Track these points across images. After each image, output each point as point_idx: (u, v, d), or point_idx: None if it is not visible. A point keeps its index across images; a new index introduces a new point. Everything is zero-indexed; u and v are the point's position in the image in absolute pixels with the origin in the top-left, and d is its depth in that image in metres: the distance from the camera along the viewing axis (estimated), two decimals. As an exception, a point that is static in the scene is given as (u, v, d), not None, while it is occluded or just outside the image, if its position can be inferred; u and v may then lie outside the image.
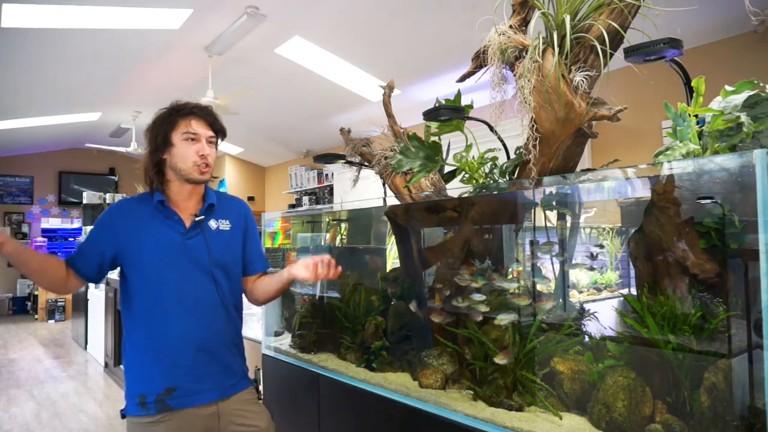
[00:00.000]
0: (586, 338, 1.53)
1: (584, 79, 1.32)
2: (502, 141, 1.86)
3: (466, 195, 1.83)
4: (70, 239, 9.85)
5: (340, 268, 1.50)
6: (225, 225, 1.57)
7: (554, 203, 1.76)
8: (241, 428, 1.50)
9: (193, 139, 1.48)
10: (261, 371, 1.62)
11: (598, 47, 1.29)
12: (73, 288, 1.51)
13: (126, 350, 1.51)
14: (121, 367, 4.85)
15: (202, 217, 1.53)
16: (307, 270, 1.48)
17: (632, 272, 1.46)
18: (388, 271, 2.39)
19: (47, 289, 1.48)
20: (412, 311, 2.00)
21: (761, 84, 1.24)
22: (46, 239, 9.60)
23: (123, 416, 1.48)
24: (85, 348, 6.37)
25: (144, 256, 1.46)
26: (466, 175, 1.89)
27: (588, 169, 1.59)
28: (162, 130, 1.48)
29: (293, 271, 1.52)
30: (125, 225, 1.48)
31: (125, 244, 1.47)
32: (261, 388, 1.62)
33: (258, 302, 1.69)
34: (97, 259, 1.48)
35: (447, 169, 2.05)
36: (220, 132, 1.55)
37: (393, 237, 2.33)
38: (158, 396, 1.42)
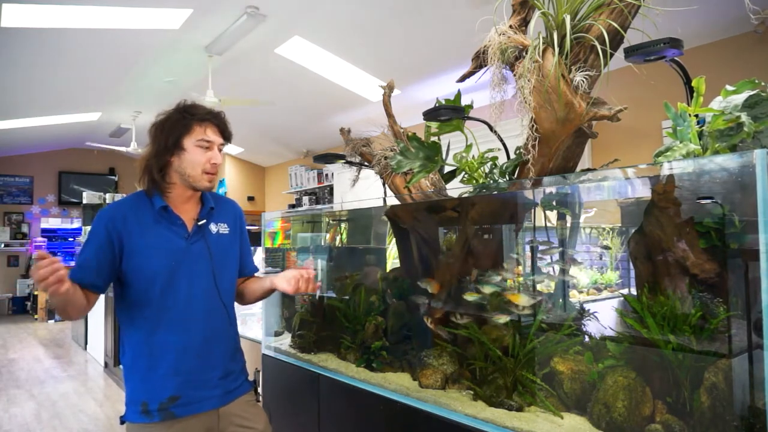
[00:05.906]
0: (586, 338, 1.53)
1: (584, 79, 1.32)
2: (502, 141, 1.86)
3: (466, 195, 1.83)
4: (70, 239, 9.85)
5: (319, 284, 1.51)
6: (224, 229, 1.58)
7: (554, 203, 1.76)
8: (239, 429, 1.50)
9: (206, 147, 1.46)
10: (260, 373, 1.62)
11: (598, 47, 1.28)
12: (92, 307, 1.45)
13: (126, 356, 1.47)
14: (121, 367, 4.86)
15: (204, 221, 1.52)
16: (288, 284, 1.52)
17: (632, 272, 1.46)
18: (388, 270, 2.39)
19: (74, 318, 1.44)
20: (418, 309, 1.99)
21: (762, 84, 1.24)
22: (45, 239, 9.61)
23: (122, 422, 1.45)
24: (85, 348, 6.37)
25: (150, 263, 1.42)
26: (466, 175, 1.88)
27: (588, 169, 1.59)
28: (175, 132, 1.44)
29: (275, 282, 1.57)
30: (128, 230, 1.42)
31: (129, 249, 1.42)
32: (260, 389, 1.62)
33: (243, 303, 1.72)
34: (109, 270, 1.41)
35: (447, 169, 2.05)
36: (228, 138, 1.55)
37: (393, 237, 2.32)
38: (162, 404, 1.40)
